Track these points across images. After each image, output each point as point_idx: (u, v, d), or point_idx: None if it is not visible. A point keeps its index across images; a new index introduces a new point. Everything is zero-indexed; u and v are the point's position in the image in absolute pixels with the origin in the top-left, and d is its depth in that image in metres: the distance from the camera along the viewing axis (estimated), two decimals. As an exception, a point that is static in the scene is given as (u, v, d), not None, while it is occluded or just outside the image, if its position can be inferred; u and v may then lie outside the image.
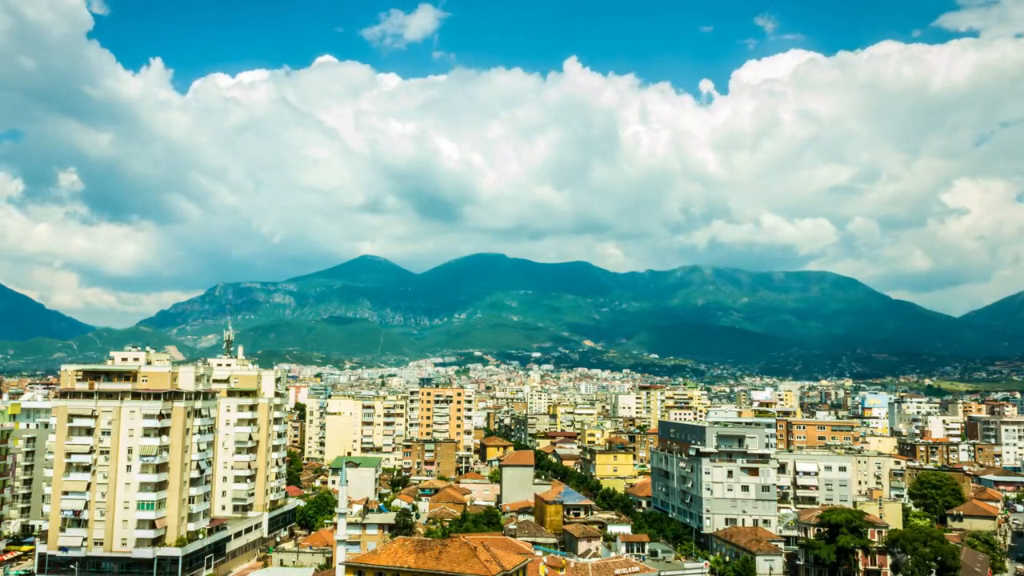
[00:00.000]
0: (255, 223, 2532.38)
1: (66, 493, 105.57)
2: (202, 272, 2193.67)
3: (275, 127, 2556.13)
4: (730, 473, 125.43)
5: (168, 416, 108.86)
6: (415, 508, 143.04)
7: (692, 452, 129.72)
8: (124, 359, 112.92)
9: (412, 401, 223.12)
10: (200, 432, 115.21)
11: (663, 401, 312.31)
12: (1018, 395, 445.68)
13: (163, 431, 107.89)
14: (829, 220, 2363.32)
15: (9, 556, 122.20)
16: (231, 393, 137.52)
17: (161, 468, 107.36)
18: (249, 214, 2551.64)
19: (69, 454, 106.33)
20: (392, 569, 72.39)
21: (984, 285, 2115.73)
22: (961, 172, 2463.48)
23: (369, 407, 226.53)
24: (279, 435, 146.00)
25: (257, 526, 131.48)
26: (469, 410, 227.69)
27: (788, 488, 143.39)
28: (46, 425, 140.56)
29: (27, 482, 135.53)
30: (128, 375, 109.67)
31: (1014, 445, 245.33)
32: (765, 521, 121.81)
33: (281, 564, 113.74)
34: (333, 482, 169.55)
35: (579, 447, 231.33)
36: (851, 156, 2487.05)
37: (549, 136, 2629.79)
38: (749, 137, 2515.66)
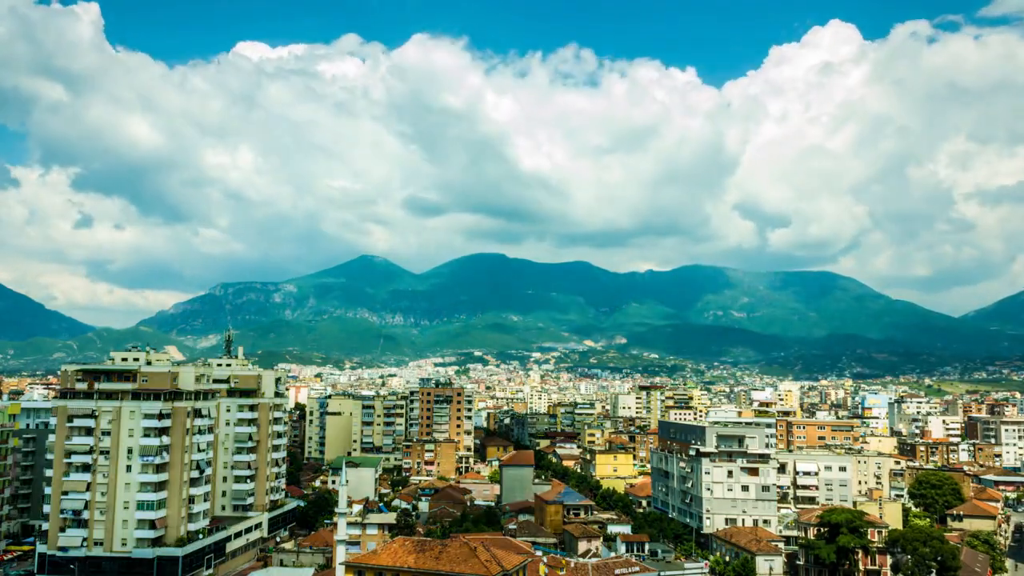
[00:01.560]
0: (258, 222, 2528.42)
1: (66, 493, 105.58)
2: (202, 272, 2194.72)
3: (282, 113, 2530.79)
4: (730, 473, 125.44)
5: (168, 416, 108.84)
6: (415, 508, 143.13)
7: (692, 452, 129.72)
8: (124, 359, 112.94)
9: (412, 401, 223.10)
10: (200, 432, 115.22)
11: (663, 401, 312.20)
12: (1018, 395, 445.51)
13: (163, 431, 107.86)
14: (836, 219, 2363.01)
15: (9, 556, 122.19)
16: (231, 393, 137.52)
17: (161, 468, 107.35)
18: (253, 213, 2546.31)
19: (69, 454, 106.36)
20: (392, 569, 72.37)
21: (995, 282, 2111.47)
22: (981, 164, 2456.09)
23: (369, 407, 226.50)
24: (279, 435, 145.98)
25: (257, 526, 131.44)
26: (469, 410, 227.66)
27: (788, 488, 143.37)
28: (46, 425, 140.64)
29: (27, 482, 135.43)
30: (128, 375, 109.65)
31: (1014, 445, 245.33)
32: (765, 521, 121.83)
33: (281, 564, 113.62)
34: (333, 482, 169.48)
35: (579, 447, 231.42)
36: (868, 151, 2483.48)
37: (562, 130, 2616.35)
38: (766, 131, 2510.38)
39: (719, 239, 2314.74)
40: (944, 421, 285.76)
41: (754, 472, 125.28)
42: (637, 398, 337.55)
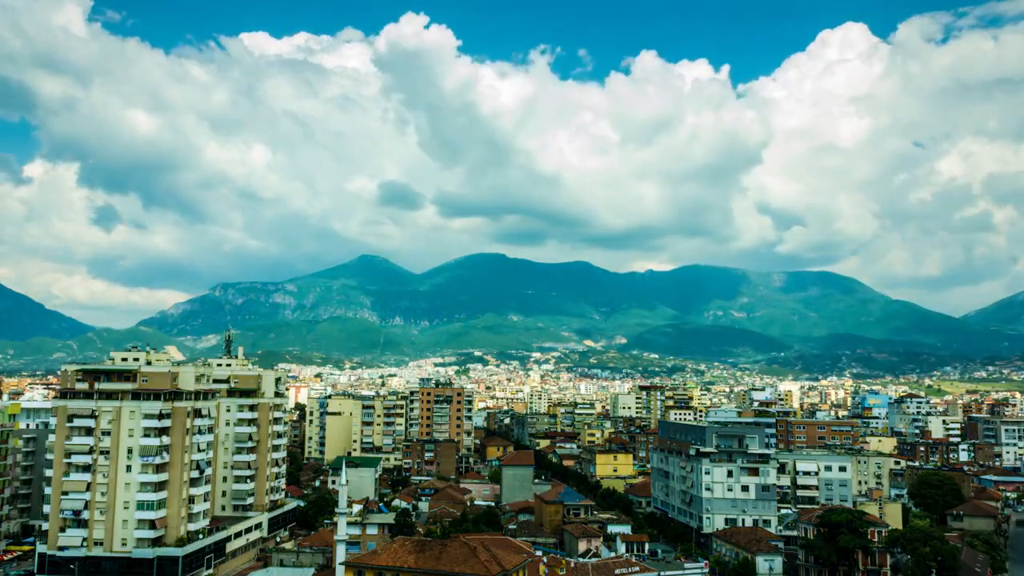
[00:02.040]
0: (258, 222, 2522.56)
1: (66, 493, 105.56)
2: (203, 271, 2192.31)
3: (284, 108, 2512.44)
4: (730, 473, 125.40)
5: (168, 416, 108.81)
6: (415, 508, 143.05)
7: (692, 452, 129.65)
8: (124, 359, 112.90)
9: (412, 401, 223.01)
10: (200, 432, 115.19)
11: (663, 401, 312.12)
12: (1018, 395, 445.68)
13: (163, 431, 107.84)
14: (847, 218, 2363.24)
15: (9, 556, 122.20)
16: (231, 393, 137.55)
17: (161, 468, 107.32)
18: (253, 212, 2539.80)
19: (69, 454, 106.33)
20: (392, 569, 72.36)
21: (996, 282, 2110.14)
22: (991, 162, 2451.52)
23: (369, 407, 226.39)
24: (279, 435, 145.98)
25: (257, 526, 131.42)
26: (469, 410, 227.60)
27: (788, 488, 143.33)
28: (46, 425, 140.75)
29: (27, 482, 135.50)
30: (128, 375, 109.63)
31: (1014, 445, 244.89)
32: (765, 521, 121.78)
33: (281, 564, 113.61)
34: (333, 482, 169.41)
35: (579, 447, 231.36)
36: (879, 149, 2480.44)
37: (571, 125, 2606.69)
38: (779, 132, 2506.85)
39: (723, 239, 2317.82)
40: (944, 421, 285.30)
41: (754, 472, 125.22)
42: (637, 398, 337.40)
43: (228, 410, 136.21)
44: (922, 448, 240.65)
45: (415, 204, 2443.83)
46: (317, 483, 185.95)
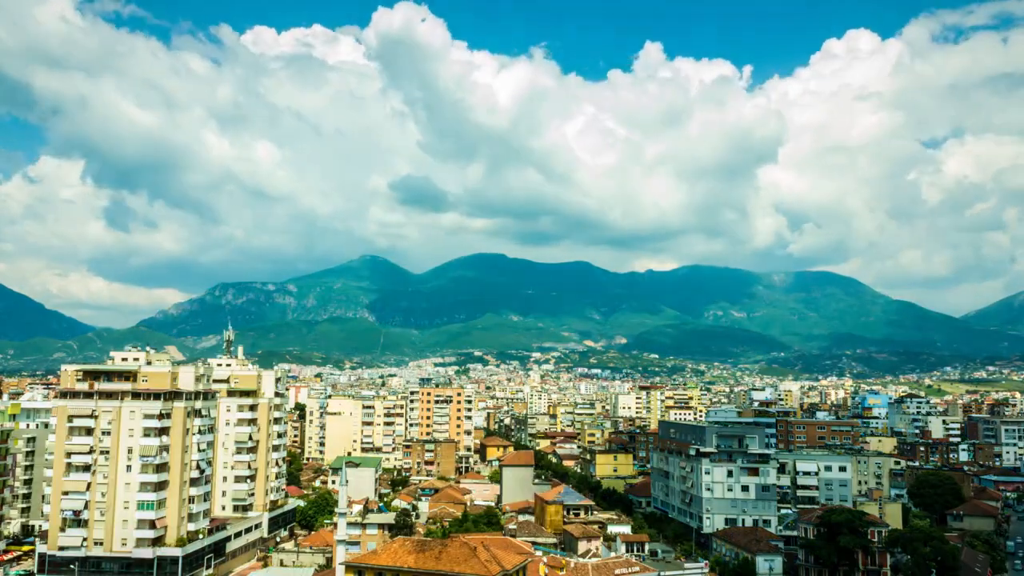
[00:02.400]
0: (260, 222, 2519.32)
1: (66, 493, 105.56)
2: (205, 270, 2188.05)
3: (288, 105, 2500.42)
4: (730, 473, 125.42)
5: (168, 416, 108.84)
6: (415, 508, 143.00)
7: (692, 452, 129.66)
8: (124, 359, 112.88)
9: (412, 401, 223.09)
10: (200, 432, 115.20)
11: (663, 401, 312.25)
12: (1018, 395, 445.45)
13: (163, 431, 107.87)
14: (851, 219, 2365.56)
15: (9, 556, 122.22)
16: (231, 393, 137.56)
17: (161, 468, 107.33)
18: (253, 212, 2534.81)
19: (69, 454, 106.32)
20: (392, 569, 72.34)
21: (996, 281, 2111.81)
22: (996, 161, 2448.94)
23: (369, 407, 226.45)
24: (279, 435, 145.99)
25: (257, 526, 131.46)
26: (469, 410, 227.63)
27: (788, 488, 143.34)
28: (46, 425, 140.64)
29: (27, 482, 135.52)
30: (128, 375, 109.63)
31: (1014, 445, 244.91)
32: (765, 521, 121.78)
33: (281, 564, 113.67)
34: (333, 482, 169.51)
35: (579, 447, 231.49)
36: (885, 149, 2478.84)
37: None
38: (788, 133, 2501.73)
39: (739, 240, 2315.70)
40: (944, 421, 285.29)
41: (754, 472, 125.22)
42: (637, 398, 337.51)
43: (228, 410, 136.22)
44: (922, 448, 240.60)
45: (421, 203, 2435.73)
46: (317, 483, 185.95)
